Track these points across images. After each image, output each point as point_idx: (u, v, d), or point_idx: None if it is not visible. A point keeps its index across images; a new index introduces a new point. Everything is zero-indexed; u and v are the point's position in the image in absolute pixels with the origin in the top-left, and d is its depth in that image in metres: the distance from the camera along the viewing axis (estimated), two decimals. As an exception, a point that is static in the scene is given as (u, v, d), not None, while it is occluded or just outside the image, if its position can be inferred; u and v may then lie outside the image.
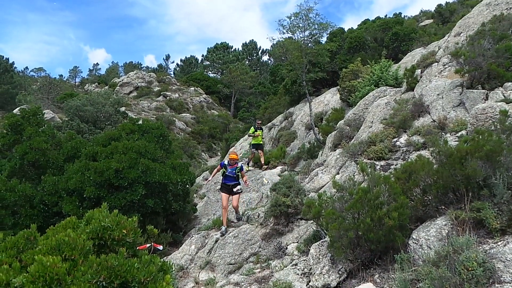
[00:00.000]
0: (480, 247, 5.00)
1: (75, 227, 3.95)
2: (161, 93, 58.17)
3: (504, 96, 9.39)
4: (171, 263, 4.03)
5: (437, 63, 14.14)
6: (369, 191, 6.19)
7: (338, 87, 21.97)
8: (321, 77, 25.36)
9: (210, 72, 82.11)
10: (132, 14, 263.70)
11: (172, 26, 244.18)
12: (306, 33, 21.26)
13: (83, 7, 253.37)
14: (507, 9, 14.17)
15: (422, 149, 9.50)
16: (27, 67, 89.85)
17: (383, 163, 10.02)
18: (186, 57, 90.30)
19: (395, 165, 9.48)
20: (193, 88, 64.29)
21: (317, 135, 19.04)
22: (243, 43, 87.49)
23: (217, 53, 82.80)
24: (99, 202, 11.34)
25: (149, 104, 53.16)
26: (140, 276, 3.19)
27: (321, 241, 7.31)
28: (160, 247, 4.78)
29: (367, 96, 15.51)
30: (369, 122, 12.86)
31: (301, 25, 20.91)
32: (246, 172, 16.66)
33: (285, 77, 31.11)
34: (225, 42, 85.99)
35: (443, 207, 6.09)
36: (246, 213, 12.15)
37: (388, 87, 15.65)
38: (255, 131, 18.57)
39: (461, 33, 15.31)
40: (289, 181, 10.48)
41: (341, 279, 6.27)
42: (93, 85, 70.98)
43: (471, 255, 4.60)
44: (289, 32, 21.22)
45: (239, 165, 11.33)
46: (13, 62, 65.80)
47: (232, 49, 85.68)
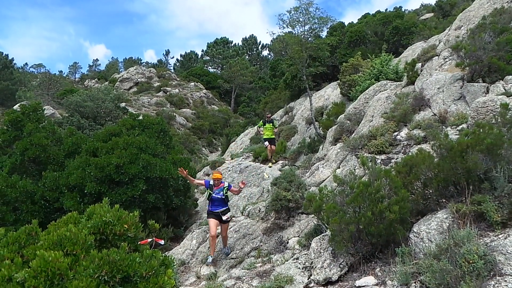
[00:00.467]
0: (481, 240, 5.00)
1: (77, 222, 3.95)
2: (161, 89, 58.14)
3: (504, 89, 9.37)
4: (172, 258, 4.04)
5: (437, 57, 14.10)
6: (370, 185, 6.19)
7: (338, 81, 21.93)
8: (321, 71, 25.37)
9: (210, 67, 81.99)
10: (132, 9, 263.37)
11: (172, 21, 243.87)
12: (306, 28, 21.24)
13: (83, 2, 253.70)
14: (507, 2, 14.12)
15: (422, 143, 9.49)
16: (26, 63, 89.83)
17: (383, 157, 10.02)
18: (186, 52, 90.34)
19: (396, 159, 9.47)
20: (193, 83, 64.24)
21: (317, 129, 19.03)
22: (243, 38, 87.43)
23: (217, 48, 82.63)
24: (100, 197, 11.34)
25: (149, 99, 53.15)
26: (142, 270, 3.20)
27: (322, 235, 7.32)
28: (161, 242, 4.79)
29: (367, 90, 15.49)
30: (369, 116, 12.85)
31: (301, 20, 20.87)
32: (268, 168, 16.51)
33: (285, 71, 31.11)
34: (225, 37, 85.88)
35: (444, 201, 6.09)
36: (247, 207, 12.16)
37: (388, 81, 15.62)
38: (264, 124, 17.72)
39: (462, 26, 15.27)
40: (290, 176, 10.49)
41: (342, 272, 6.29)
42: (93, 81, 70.97)
43: (472, 248, 4.61)
44: (289, 26, 21.18)
45: (226, 185, 9.77)
46: (12, 58, 65.85)
47: (232, 44, 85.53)
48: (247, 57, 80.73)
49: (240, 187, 9.76)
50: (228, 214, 9.65)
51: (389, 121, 11.29)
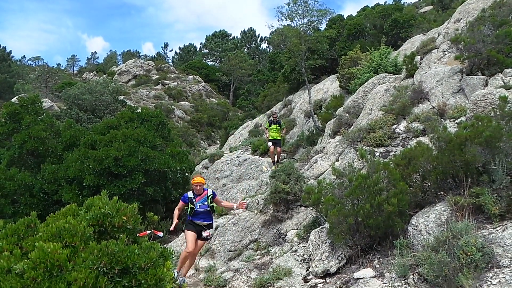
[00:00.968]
0: (479, 232, 5.02)
1: (75, 214, 3.96)
2: (160, 82, 57.98)
3: (503, 82, 9.37)
4: (171, 250, 4.05)
5: (436, 50, 14.08)
6: (368, 177, 6.21)
7: (337, 74, 21.88)
8: (320, 64, 25.25)
9: (208, 60, 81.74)
10: (130, 1, 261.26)
11: (171, 13, 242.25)
12: (305, 20, 21.11)
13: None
14: (507, -6, 14.07)
15: (421, 136, 9.50)
16: (24, 56, 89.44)
17: (382, 149, 10.02)
18: (184, 45, 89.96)
19: (395, 151, 9.48)
20: (191, 76, 64.06)
21: (316, 122, 19.01)
22: (241, 31, 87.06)
23: (216, 41, 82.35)
24: (99, 190, 11.35)
25: (147, 92, 53.02)
26: (140, 262, 3.20)
27: (320, 227, 7.34)
28: (160, 234, 4.80)
29: (366, 83, 15.47)
30: (368, 109, 12.84)
31: (300, 12, 20.75)
32: (271, 169, 14.38)
33: (284, 64, 31.00)
34: (224, 30, 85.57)
35: (442, 193, 6.10)
36: (245, 200, 12.18)
37: (387, 74, 15.60)
38: (270, 125, 16.00)
39: (461, 19, 15.22)
40: (288, 168, 10.49)
41: (340, 264, 6.31)
42: (91, 74, 70.64)
43: (470, 240, 4.62)
44: (287, 19, 21.06)
45: (210, 192, 7.65)
46: (10, 51, 65.55)
47: (230, 37, 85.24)
48: (245, 50, 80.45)
49: (236, 206, 7.69)
50: (209, 231, 7.65)
51: (388, 114, 11.29)
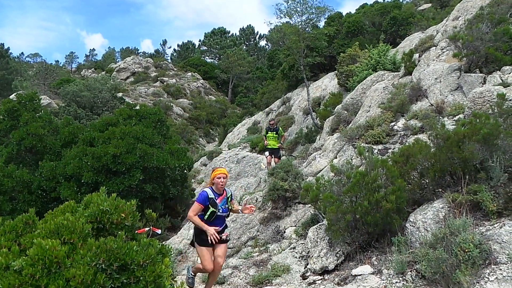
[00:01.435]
0: (476, 229, 5.04)
1: (74, 211, 3.95)
2: (158, 79, 57.94)
3: (501, 79, 9.38)
4: (170, 247, 4.05)
5: (435, 47, 14.08)
6: (366, 174, 6.21)
7: (336, 71, 21.89)
8: (318, 61, 25.29)
9: (207, 57, 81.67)
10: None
11: (170, 10, 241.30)
12: (303, 18, 21.17)
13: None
14: (505, -8, 14.07)
15: (419, 133, 9.51)
16: (22, 53, 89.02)
17: (380, 147, 10.03)
18: (183, 42, 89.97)
19: (393, 149, 9.49)
20: (190, 73, 64.01)
21: (314, 119, 19.03)
22: (240, 28, 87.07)
23: (215, 38, 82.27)
24: (97, 187, 11.35)
25: (146, 89, 52.99)
26: (139, 258, 3.20)
27: (318, 224, 7.35)
28: (158, 231, 4.79)
29: (365, 80, 15.48)
30: (366, 106, 12.85)
31: (298, 9, 20.79)
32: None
33: (282, 62, 31.03)
34: (223, 27, 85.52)
35: (440, 190, 6.12)
36: (244, 197, 12.19)
37: (386, 72, 15.61)
38: (267, 132, 14.59)
39: (460, 17, 15.22)
40: (287, 166, 10.50)
41: (338, 261, 6.33)
42: (90, 71, 70.52)
43: (467, 237, 4.64)
44: (286, 16, 21.10)
45: (229, 192, 6.20)
46: (8, 47, 65.42)
47: (229, 34, 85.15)
48: (244, 47, 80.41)
49: (242, 211, 6.18)
50: (227, 230, 6.20)
51: (386, 112, 11.30)
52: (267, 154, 14.31)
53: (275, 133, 14.45)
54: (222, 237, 5.96)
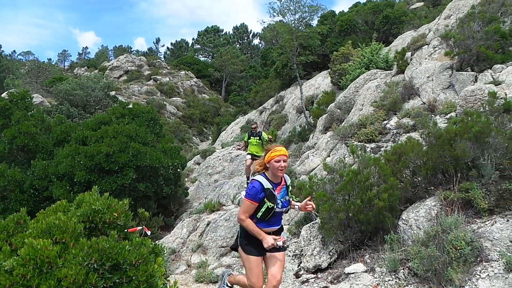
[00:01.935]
0: (468, 227, 5.07)
1: (66, 211, 3.94)
2: (152, 77, 57.73)
3: (493, 78, 9.44)
4: (163, 246, 4.04)
5: (427, 46, 14.14)
6: (359, 173, 6.24)
7: (329, 70, 21.92)
8: (312, 60, 25.28)
9: (200, 55, 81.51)
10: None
11: (163, 8, 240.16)
12: (296, 16, 21.16)
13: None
14: (497, -9, 14.14)
15: (412, 131, 9.55)
16: (14, 51, 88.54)
17: (373, 145, 10.07)
18: (176, 41, 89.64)
19: (385, 147, 9.52)
20: (183, 72, 63.82)
21: (308, 118, 19.04)
22: (234, 27, 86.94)
23: (208, 36, 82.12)
24: (90, 186, 11.30)
25: (139, 88, 52.78)
26: (131, 258, 3.19)
27: (311, 223, 7.37)
28: (148, 232, 4.79)
29: (357, 79, 15.52)
30: (359, 105, 12.89)
31: (291, 8, 20.79)
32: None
33: (276, 60, 31.01)
34: (216, 25, 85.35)
35: (432, 188, 6.15)
36: (237, 196, 12.18)
37: (378, 70, 15.66)
38: (249, 137, 13.44)
39: (451, 15, 15.29)
40: (280, 164, 10.48)
41: (331, 260, 6.35)
42: (83, 69, 70.12)
43: (459, 235, 4.67)
44: (279, 15, 21.09)
45: (289, 181, 4.82)
46: (0, 45, 65.03)
47: (223, 33, 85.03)
48: (238, 45, 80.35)
49: (302, 208, 4.69)
50: (283, 234, 4.69)
51: (379, 110, 11.34)
52: (249, 157, 13.13)
53: (258, 138, 13.13)
54: (278, 244, 4.40)
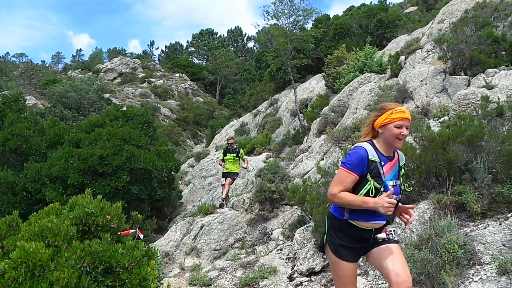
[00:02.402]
0: (461, 230, 5.08)
1: (59, 213, 3.93)
2: (146, 80, 57.61)
3: (485, 82, 9.50)
4: (156, 249, 4.03)
5: (421, 50, 14.22)
6: (353, 176, 6.23)
7: (323, 73, 21.99)
8: (306, 63, 25.40)
9: (195, 58, 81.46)
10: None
11: (158, 10, 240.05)
12: (291, 20, 21.26)
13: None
14: (490, -4, 14.26)
15: (405, 135, 9.56)
16: (8, 53, 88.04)
17: (367, 149, 10.08)
18: (171, 43, 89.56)
19: (379, 150, 9.53)
20: (178, 74, 63.74)
21: (302, 121, 19.08)
22: (228, 30, 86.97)
23: (202, 39, 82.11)
24: (83, 189, 11.20)
25: (133, 90, 52.65)
26: (124, 261, 3.19)
27: (305, 226, 7.37)
28: (141, 236, 4.77)
29: (351, 82, 15.57)
30: (353, 108, 12.93)
31: (286, 12, 20.87)
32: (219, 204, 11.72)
33: (270, 63, 31.08)
34: (210, 28, 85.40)
35: (426, 191, 6.17)
36: (231, 199, 12.17)
37: (372, 74, 15.72)
38: (225, 154, 12.35)
39: (445, 20, 15.39)
40: (274, 167, 10.51)
41: (325, 263, 6.35)
42: (77, 71, 69.86)
43: (452, 238, 4.68)
44: (274, 18, 21.16)
45: (402, 157, 3.53)
46: (-7, 47, 64.69)
47: (217, 36, 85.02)
48: (232, 48, 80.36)
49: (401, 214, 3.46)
50: (391, 228, 3.49)
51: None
52: (223, 181, 12.15)
53: (234, 155, 12.19)
54: (378, 236, 3.35)
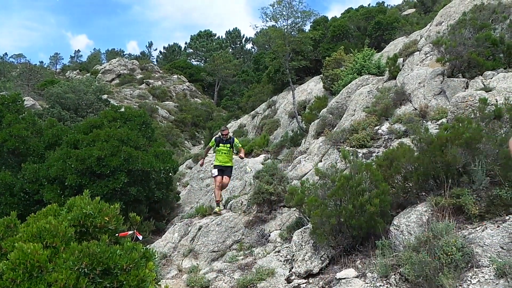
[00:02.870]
0: (459, 233, 5.09)
1: (57, 215, 3.91)
2: (144, 81, 57.61)
3: (483, 84, 9.51)
4: (154, 251, 4.03)
5: (419, 52, 14.24)
6: (351, 178, 6.25)
7: (321, 75, 22.00)
8: (304, 65, 25.39)
9: (193, 60, 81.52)
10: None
11: (157, 11, 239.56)
12: (289, 21, 21.21)
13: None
14: (487, -2, 14.30)
15: (403, 137, 9.59)
16: (6, 53, 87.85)
17: (365, 150, 10.10)
18: (169, 45, 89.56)
19: (377, 152, 9.56)
20: (176, 76, 63.75)
21: (300, 123, 19.08)
22: (226, 31, 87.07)
23: (201, 40, 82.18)
24: (81, 190, 11.18)
25: (131, 91, 52.62)
26: (122, 263, 3.18)
27: (303, 228, 7.37)
28: (140, 237, 4.77)
29: (349, 84, 15.58)
30: (351, 110, 12.94)
31: (284, 13, 20.85)
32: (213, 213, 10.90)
33: (268, 65, 31.09)
34: (209, 30, 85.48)
35: (424, 194, 6.18)
36: (229, 201, 12.15)
37: (370, 76, 15.73)
38: (216, 145, 10.96)
39: (443, 22, 15.41)
40: (272, 169, 10.50)
41: (323, 265, 6.34)
42: (75, 72, 69.84)
43: (450, 240, 4.69)
44: (272, 20, 21.15)
45: None
46: (-9, 48, 64.61)
47: (215, 37, 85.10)
48: (230, 50, 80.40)
49: None
50: None
51: (371, 115, 11.39)
52: (216, 173, 10.85)
53: (229, 146, 10.97)
54: None
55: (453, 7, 15.77)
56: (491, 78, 9.71)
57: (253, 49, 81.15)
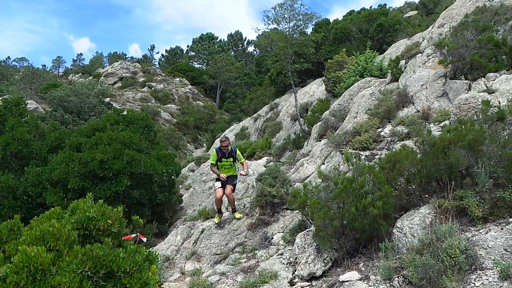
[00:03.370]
0: (462, 235, 5.07)
1: (60, 218, 3.92)
2: (146, 84, 57.73)
3: (486, 86, 9.50)
4: (156, 254, 4.03)
5: (421, 54, 14.23)
6: (354, 180, 6.24)
7: (323, 78, 22.01)
8: (306, 68, 25.39)
9: (195, 62, 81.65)
10: (117, 2, 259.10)
11: (158, 14, 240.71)
12: (291, 24, 21.27)
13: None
14: (489, 0, 14.29)
15: (406, 139, 9.58)
16: (9, 57, 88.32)
17: (367, 153, 10.09)
18: (171, 48, 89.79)
19: (380, 155, 9.55)
20: (178, 78, 63.86)
21: (302, 125, 19.07)
22: (228, 34, 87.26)
23: (203, 43, 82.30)
24: (84, 193, 11.25)
25: (134, 94, 52.73)
26: (125, 265, 3.18)
27: (306, 230, 7.36)
28: (144, 239, 4.77)
29: (352, 86, 15.58)
30: (354, 112, 12.92)
31: (286, 16, 20.89)
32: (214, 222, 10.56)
33: (270, 68, 31.13)
34: (211, 32, 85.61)
35: (427, 196, 6.17)
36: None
37: (372, 78, 15.73)
38: (219, 160, 10.11)
39: (445, 24, 15.41)
40: (274, 172, 10.50)
41: (326, 268, 6.33)
42: (77, 76, 70.05)
43: (453, 243, 4.67)
44: (274, 23, 21.19)
45: None
46: (-6, 52, 64.82)
47: (217, 40, 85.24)
48: (232, 53, 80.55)
49: None
50: None
51: (373, 118, 11.37)
52: (218, 185, 10.08)
53: (231, 160, 10.18)
54: None
55: (455, 9, 15.77)
56: (494, 80, 9.70)
57: (255, 52, 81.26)
